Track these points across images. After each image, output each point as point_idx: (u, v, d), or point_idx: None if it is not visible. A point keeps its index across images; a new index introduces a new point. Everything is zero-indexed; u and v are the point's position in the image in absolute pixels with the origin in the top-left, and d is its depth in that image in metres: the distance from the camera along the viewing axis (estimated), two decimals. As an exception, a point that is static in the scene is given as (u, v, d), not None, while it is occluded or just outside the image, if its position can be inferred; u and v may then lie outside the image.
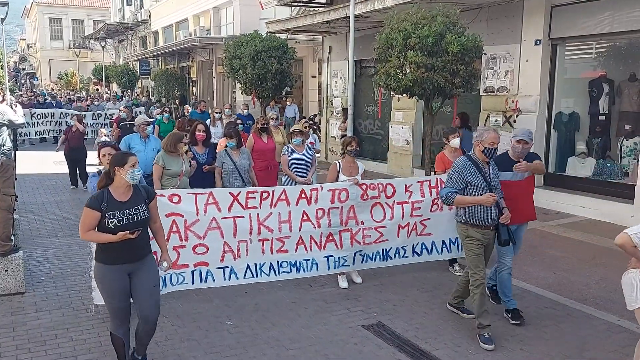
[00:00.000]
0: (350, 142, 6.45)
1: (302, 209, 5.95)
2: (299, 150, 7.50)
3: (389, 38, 8.88)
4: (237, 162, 7.22)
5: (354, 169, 6.45)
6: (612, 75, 9.74)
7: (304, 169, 7.43)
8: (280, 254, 5.93)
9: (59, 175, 13.95)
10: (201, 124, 7.75)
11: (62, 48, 51.99)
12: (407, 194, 6.37)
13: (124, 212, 4.03)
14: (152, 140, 8.27)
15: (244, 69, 14.61)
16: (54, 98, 26.28)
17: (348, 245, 6.20)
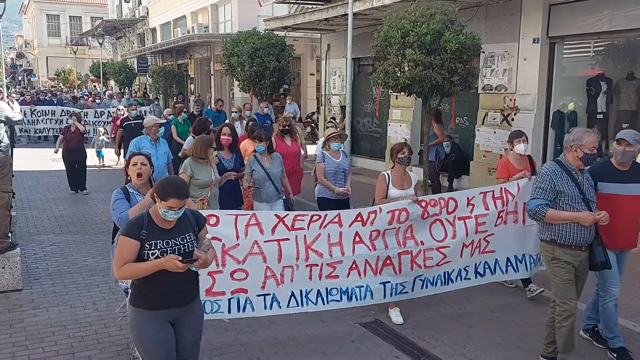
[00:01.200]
0: (401, 149, 5.59)
1: (355, 230, 5.18)
2: (335, 157, 6.77)
3: (387, 36, 8.86)
4: (269, 168, 6.53)
5: (405, 181, 5.63)
6: (610, 74, 9.75)
7: (342, 177, 6.73)
8: (330, 279, 5.13)
9: (56, 172, 13.92)
10: (227, 126, 7.00)
11: (60, 45, 51.83)
12: (469, 208, 5.56)
13: (169, 241, 3.37)
14: (161, 143, 7.64)
15: (242, 67, 14.58)
16: (54, 96, 25.86)
17: (408, 269, 5.37)
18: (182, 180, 3.63)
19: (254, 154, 6.67)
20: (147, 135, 7.50)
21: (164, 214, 3.33)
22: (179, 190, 3.35)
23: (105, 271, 6.76)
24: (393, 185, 5.55)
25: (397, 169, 5.64)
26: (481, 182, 11.29)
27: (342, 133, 7.11)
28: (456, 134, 12.25)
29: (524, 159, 6.06)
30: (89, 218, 9.50)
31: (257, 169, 6.51)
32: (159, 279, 3.31)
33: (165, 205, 3.31)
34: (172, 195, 3.31)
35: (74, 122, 11.75)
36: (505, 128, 10.82)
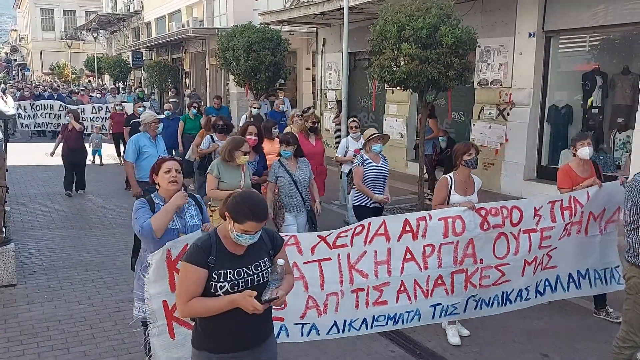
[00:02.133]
0: (467, 150, 4.91)
1: (405, 245, 4.48)
2: (375, 160, 6.20)
3: (383, 30, 8.84)
4: (295, 174, 5.94)
5: (469, 186, 5.00)
6: (605, 68, 9.76)
7: (381, 184, 6.20)
8: (378, 307, 4.47)
9: (50, 167, 13.85)
10: (253, 125, 6.42)
11: (54, 39, 51.53)
12: (536, 219, 4.89)
13: (240, 271, 2.78)
14: (159, 140, 7.18)
15: (237, 61, 14.52)
16: (55, 91, 25.10)
17: (461, 289, 4.70)
18: (261, 197, 2.95)
19: (278, 159, 6.03)
20: (146, 132, 7.04)
21: (237, 238, 2.73)
22: (257, 210, 2.72)
23: (100, 266, 6.75)
24: (456, 190, 4.91)
25: (461, 172, 4.97)
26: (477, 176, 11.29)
27: (385, 134, 6.52)
28: (452, 129, 12.25)
29: (588, 164, 5.36)
30: (83, 213, 9.46)
31: (282, 176, 5.92)
32: (230, 317, 2.73)
33: (239, 229, 2.71)
34: (248, 217, 2.69)
35: (71, 120, 11.15)
36: (500, 123, 10.83)
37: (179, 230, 3.78)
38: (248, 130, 6.28)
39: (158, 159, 4.05)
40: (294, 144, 5.99)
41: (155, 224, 3.65)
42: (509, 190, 10.72)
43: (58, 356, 4.58)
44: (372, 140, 6.21)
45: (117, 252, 7.34)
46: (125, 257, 7.07)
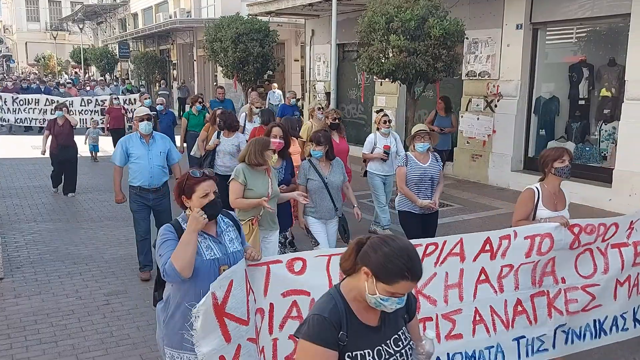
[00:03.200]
0: (559, 156, 4.21)
1: (481, 265, 3.77)
2: (422, 160, 5.52)
3: (372, 21, 8.84)
4: (328, 177, 5.36)
5: (559, 200, 4.29)
6: (592, 60, 9.83)
7: (428, 186, 5.49)
8: (452, 341, 3.67)
9: (37, 159, 13.71)
10: (277, 126, 5.64)
11: (39, 30, 50.85)
12: (627, 232, 4.20)
13: (381, 350, 2.09)
14: (157, 140, 6.11)
15: (225, 52, 14.44)
16: (42, 83, 24.19)
17: (545, 317, 3.96)
18: (412, 247, 2.04)
19: (308, 159, 5.47)
20: (136, 131, 6.19)
21: (379, 302, 2.00)
22: (415, 265, 1.97)
23: (88, 259, 6.72)
24: (544, 204, 4.20)
25: (550, 182, 4.27)
26: (465, 168, 11.39)
27: (432, 131, 5.85)
28: (440, 120, 12.28)
29: None
30: (71, 206, 9.39)
31: (313, 178, 5.33)
32: None
33: (386, 291, 1.97)
34: (403, 276, 1.94)
35: (64, 114, 10.10)
36: (488, 114, 10.89)
37: (220, 261, 3.02)
38: (272, 133, 5.48)
39: (189, 175, 3.05)
40: (326, 143, 5.34)
41: (177, 263, 2.84)
42: (496, 181, 10.80)
43: (46, 350, 4.56)
44: (418, 138, 5.47)
45: (106, 245, 7.30)
46: (114, 249, 7.08)
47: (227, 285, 2.82)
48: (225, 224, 3.18)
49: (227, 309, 2.80)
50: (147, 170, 5.92)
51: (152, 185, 5.95)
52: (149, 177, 5.93)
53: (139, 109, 6.61)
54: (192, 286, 2.94)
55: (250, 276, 3.06)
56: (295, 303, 3.19)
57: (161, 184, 6.05)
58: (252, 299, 3.03)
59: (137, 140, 6.03)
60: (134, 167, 5.94)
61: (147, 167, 5.92)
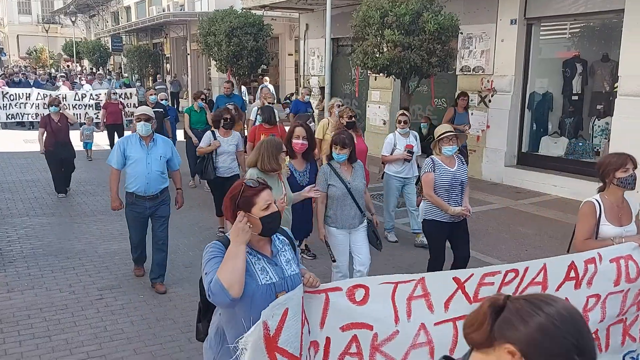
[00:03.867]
0: (623, 164, 3.69)
1: (564, 296, 3.23)
2: (449, 164, 5.08)
3: (366, 16, 8.81)
4: (350, 182, 4.91)
5: (625, 213, 3.81)
6: (585, 56, 9.87)
7: (459, 192, 5.10)
8: None
9: (29, 153, 13.63)
10: (301, 126, 5.23)
11: (31, 23, 50.41)
12: None
13: None
14: (158, 143, 5.61)
15: (219, 46, 14.38)
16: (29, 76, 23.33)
17: (617, 344, 3.62)
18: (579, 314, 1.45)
19: (328, 163, 5.01)
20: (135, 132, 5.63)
21: None
22: (588, 342, 1.39)
23: (81, 254, 6.69)
24: (607, 219, 3.74)
25: (612, 193, 3.77)
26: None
27: (460, 133, 5.35)
28: (434, 116, 12.29)
29: None
30: (64, 200, 9.35)
31: (335, 184, 4.88)
32: None
33: None
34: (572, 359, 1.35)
35: (62, 109, 9.55)
36: (482, 110, 10.91)
37: (277, 287, 2.61)
38: (295, 133, 5.14)
39: (245, 186, 2.63)
40: (351, 146, 4.85)
41: (224, 278, 2.44)
42: (489, 176, 10.84)
43: (39, 344, 4.54)
44: (444, 141, 5.02)
45: (99, 239, 7.28)
46: (107, 244, 7.05)
47: (282, 314, 2.46)
48: (280, 242, 2.77)
49: (280, 343, 2.45)
50: (144, 175, 5.40)
51: (148, 193, 5.46)
52: (145, 184, 5.41)
53: (139, 108, 6.14)
54: (247, 316, 2.51)
55: (306, 305, 2.69)
56: (356, 338, 2.81)
57: (159, 191, 5.53)
58: (306, 330, 2.68)
59: (136, 142, 5.51)
60: (131, 171, 5.46)
61: (144, 172, 5.40)
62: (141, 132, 5.49)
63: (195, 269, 6.22)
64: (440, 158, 5.08)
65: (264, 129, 7.43)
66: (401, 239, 7.25)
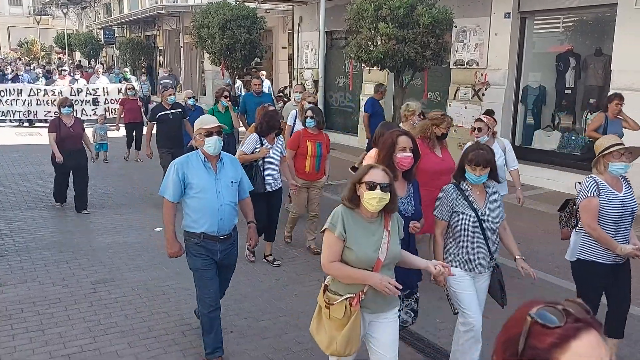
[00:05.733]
0: None
1: None
2: (616, 187, 3.94)
3: (360, 9, 8.80)
4: (484, 211, 3.77)
5: None
6: (578, 50, 9.89)
7: (629, 225, 3.97)
8: None
9: (21, 146, 13.56)
10: (404, 135, 3.76)
11: (22, 14, 49.95)
12: None
13: None
14: (227, 164, 4.19)
15: (213, 39, 14.30)
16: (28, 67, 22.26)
17: None
18: None
19: (454, 184, 3.83)
20: (198, 150, 4.16)
21: None
22: None
23: (74, 248, 6.67)
24: None
25: None
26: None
27: (635, 147, 3.98)
28: (428, 109, 12.30)
29: None
30: (56, 193, 9.30)
31: (463, 212, 3.70)
32: None
33: None
34: None
35: (71, 112, 8.06)
36: (476, 103, 10.93)
37: None
38: (399, 144, 3.66)
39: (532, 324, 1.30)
40: (491, 165, 3.67)
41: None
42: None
43: (33, 338, 4.53)
44: (613, 155, 3.82)
45: (93, 233, 7.25)
46: (101, 237, 7.03)
47: None
48: None
49: None
50: (216, 209, 4.05)
51: (222, 232, 4.11)
52: (218, 220, 4.06)
53: (205, 117, 4.36)
54: None
55: None
56: None
57: (232, 229, 4.23)
58: None
59: (200, 165, 4.08)
60: (196, 204, 4.07)
61: (214, 204, 4.04)
62: (212, 150, 4.05)
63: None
64: (605, 178, 3.87)
65: (310, 134, 6.38)
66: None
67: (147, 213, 8.16)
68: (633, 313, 5.07)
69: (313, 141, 6.34)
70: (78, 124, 8.12)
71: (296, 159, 6.41)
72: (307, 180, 6.47)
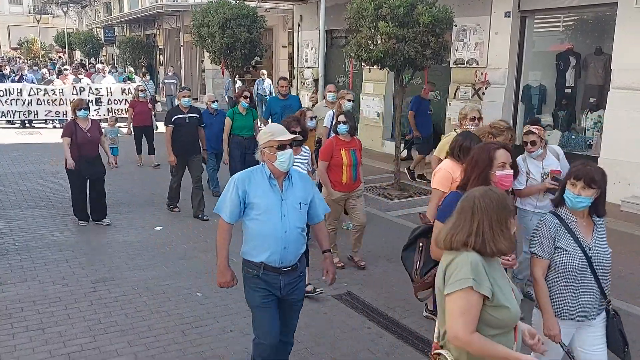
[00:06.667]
0: None
1: None
2: None
3: (360, 8, 8.79)
4: (592, 247, 3.08)
5: None
6: (578, 49, 9.89)
7: None
8: None
9: (21, 145, 13.57)
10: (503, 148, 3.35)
11: (22, 13, 50.00)
12: None
13: None
14: (295, 181, 3.49)
15: (213, 38, 14.29)
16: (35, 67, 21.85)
17: None
18: None
19: (554, 212, 3.16)
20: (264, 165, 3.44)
21: None
22: None
23: (74, 246, 6.67)
24: None
25: None
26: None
27: None
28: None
29: None
30: (56, 192, 9.29)
31: (567, 248, 3.06)
32: None
33: None
34: None
35: (87, 114, 7.39)
36: (476, 102, 10.91)
37: None
38: (498, 159, 3.26)
39: None
40: (598, 185, 3.04)
41: None
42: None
43: (33, 337, 4.53)
44: None
45: (92, 231, 7.25)
46: (101, 236, 7.03)
47: None
48: None
49: None
50: (279, 235, 3.36)
51: (285, 263, 3.42)
52: (281, 248, 3.37)
53: (274, 127, 3.58)
54: None
55: None
56: None
57: (298, 259, 3.51)
58: None
59: (265, 182, 3.41)
60: (257, 228, 3.40)
61: (278, 229, 3.36)
62: (285, 167, 3.37)
63: (190, 261, 6.22)
64: None
65: (342, 142, 5.84)
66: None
67: (147, 212, 8.17)
68: (633, 312, 5.10)
69: (347, 149, 5.79)
70: (95, 127, 7.43)
71: (330, 171, 5.80)
72: (345, 191, 5.86)
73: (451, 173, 4.14)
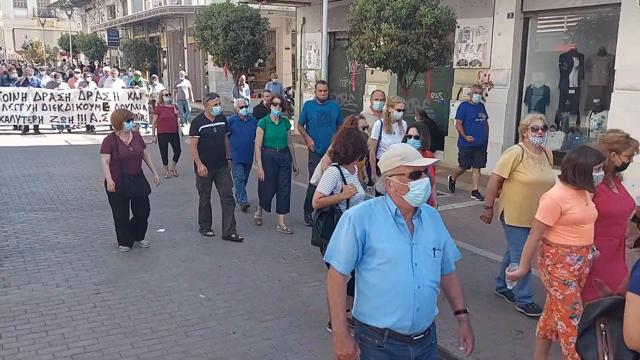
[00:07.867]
0: None
1: None
2: None
3: (363, 9, 8.80)
4: None
5: None
6: (582, 50, 9.86)
7: None
8: None
9: (25, 148, 13.62)
10: None
11: (27, 16, 50.27)
12: None
13: None
14: (425, 219, 2.63)
15: (216, 40, 14.35)
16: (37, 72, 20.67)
17: None
18: None
19: None
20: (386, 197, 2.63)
21: None
22: None
23: (78, 249, 6.68)
24: None
25: None
26: (455, 157, 11.40)
27: None
28: (431, 109, 12.31)
29: None
30: (60, 195, 9.33)
31: None
32: None
33: None
34: None
35: (132, 127, 6.45)
36: (479, 103, 10.90)
37: None
38: None
39: None
40: None
41: None
42: (486, 170, 10.83)
43: (36, 339, 4.54)
44: None
45: (96, 234, 7.27)
46: (104, 239, 7.05)
47: None
48: None
49: None
50: (411, 291, 2.53)
51: (417, 330, 2.58)
52: (413, 310, 2.54)
53: (405, 149, 2.66)
54: None
55: None
56: None
57: (431, 323, 2.67)
58: None
59: (389, 219, 2.58)
60: (379, 282, 2.57)
61: (409, 284, 2.53)
62: (419, 201, 2.56)
63: (193, 263, 6.23)
64: None
65: None
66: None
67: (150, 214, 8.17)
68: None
69: None
70: (138, 140, 6.49)
71: None
72: None
73: (560, 205, 3.50)
